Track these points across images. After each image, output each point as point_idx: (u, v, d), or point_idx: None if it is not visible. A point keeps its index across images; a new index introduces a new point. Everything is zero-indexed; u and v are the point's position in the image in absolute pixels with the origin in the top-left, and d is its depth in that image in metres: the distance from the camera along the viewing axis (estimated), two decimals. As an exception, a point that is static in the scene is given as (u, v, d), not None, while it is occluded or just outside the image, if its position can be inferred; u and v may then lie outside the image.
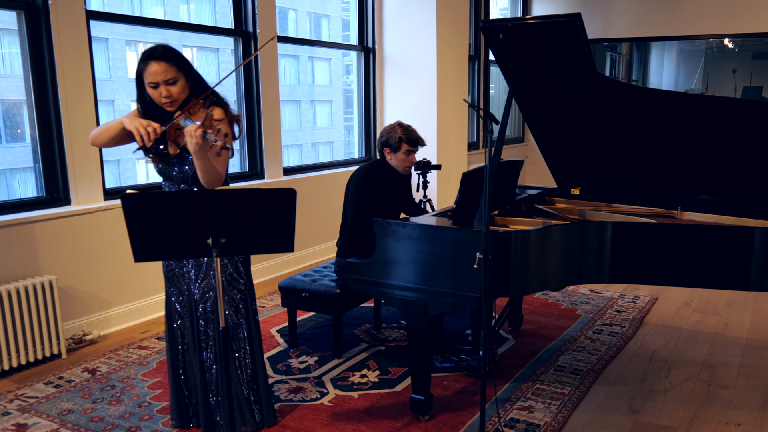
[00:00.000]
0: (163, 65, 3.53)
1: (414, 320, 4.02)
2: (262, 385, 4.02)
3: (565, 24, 4.03)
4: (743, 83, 11.45)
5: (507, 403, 4.43)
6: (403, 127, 5.03)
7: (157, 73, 3.52)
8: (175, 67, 3.57)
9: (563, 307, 6.43)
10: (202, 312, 3.85)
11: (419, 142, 5.06)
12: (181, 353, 3.98)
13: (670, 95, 4.40)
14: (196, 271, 3.84)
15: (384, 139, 5.05)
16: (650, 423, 4.19)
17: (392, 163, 5.08)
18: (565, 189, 5.33)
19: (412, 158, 5.06)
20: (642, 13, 11.77)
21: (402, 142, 4.98)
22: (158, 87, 3.55)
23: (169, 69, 3.54)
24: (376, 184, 5.01)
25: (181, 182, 3.74)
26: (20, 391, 4.68)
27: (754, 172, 4.55)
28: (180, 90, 3.59)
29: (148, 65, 3.53)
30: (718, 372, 4.94)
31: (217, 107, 3.68)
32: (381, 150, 5.09)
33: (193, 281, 3.86)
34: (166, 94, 3.55)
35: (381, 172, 5.08)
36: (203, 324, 3.87)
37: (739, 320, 6.03)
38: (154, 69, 3.52)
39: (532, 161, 12.67)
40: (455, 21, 9.54)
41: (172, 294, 3.96)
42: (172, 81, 3.56)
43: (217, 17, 22.62)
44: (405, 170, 5.11)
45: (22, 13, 5.20)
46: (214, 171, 3.53)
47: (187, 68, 3.64)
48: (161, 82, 3.53)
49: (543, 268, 3.87)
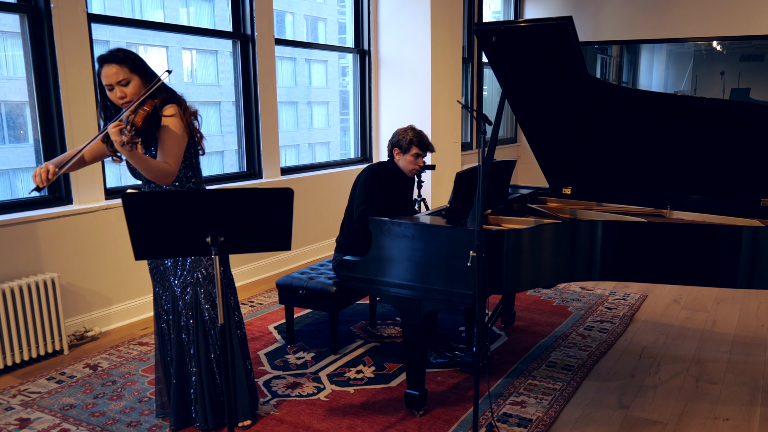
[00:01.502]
0: (114, 67, 3.55)
1: (409, 317, 4.03)
2: (239, 379, 4.01)
3: (556, 27, 4.04)
4: (731, 85, 11.46)
5: (500, 398, 4.44)
6: (415, 131, 5.01)
7: (110, 75, 3.54)
8: (127, 68, 3.58)
9: (555, 304, 6.44)
10: (182, 306, 3.86)
11: (429, 147, 5.04)
12: (170, 350, 3.98)
13: (659, 97, 4.40)
14: (173, 266, 3.85)
15: (395, 139, 5.04)
16: (640, 418, 4.20)
17: (400, 164, 5.07)
18: (556, 188, 5.34)
19: (419, 162, 5.05)
20: (632, 16, 11.78)
21: (412, 145, 4.97)
22: (113, 89, 3.57)
23: (120, 70, 3.55)
24: (383, 183, 5.00)
25: (153, 182, 3.73)
26: (23, 386, 4.68)
27: (741, 171, 4.56)
28: (134, 90, 3.59)
29: (102, 68, 3.56)
30: (706, 368, 4.94)
31: (170, 105, 3.68)
32: (391, 150, 5.09)
33: (172, 274, 3.86)
34: (120, 95, 3.57)
35: (387, 173, 5.06)
36: (184, 319, 3.87)
37: (727, 317, 6.04)
38: (106, 71, 3.55)
39: (524, 161, 12.67)
40: (449, 24, 9.54)
41: (158, 294, 3.96)
42: (125, 82, 3.57)
43: (215, 20, 22.58)
44: (411, 173, 5.10)
45: (25, 16, 5.20)
46: (153, 169, 3.53)
47: (140, 69, 3.64)
48: (114, 83, 3.55)
49: (535, 266, 3.88)
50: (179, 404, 3.98)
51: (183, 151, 3.68)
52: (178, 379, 3.94)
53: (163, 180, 3.57)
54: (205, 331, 3.87)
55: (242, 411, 4.05)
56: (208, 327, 3.88)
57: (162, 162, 3.57)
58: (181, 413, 4.00)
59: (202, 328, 3.86)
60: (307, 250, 8.20)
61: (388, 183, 5.04)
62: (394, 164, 5.09)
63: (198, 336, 3.85)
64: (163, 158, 3.59)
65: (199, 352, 3.86)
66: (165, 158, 3.59)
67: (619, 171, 4.97)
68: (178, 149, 3.64)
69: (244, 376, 4.04)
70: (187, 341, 3.88)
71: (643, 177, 4.91)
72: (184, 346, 3.90)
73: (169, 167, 3.58)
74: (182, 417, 4.01)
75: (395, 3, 9.16)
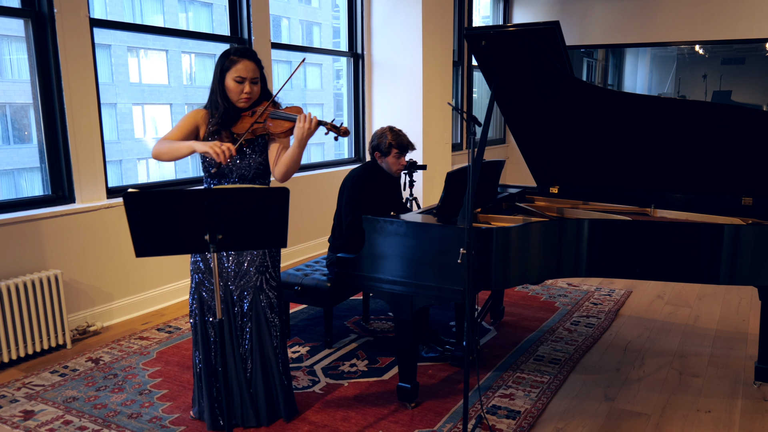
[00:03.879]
0: (253, 65, 3.67)
1: (401, 312, 4.03)
2: (287, 379, 4.00)
3: (544, 31, 4.04)
4: (713, 87, 11.49)
5: (489, 391, 4.44)
6: (393, 132, 4.99)
7: (248, 71, 3.64)
8: (260, 72, 3.72)
9: (542, 299, 6.45)
10: (239, 311, 3.83)
11: (409, 146, 5.03)
12: (213, 350, 3.91)
13: (643, 99, 4.41)
14: (236, 269, 3.82)
15: (375, 143, 5.03)
16: (625, 410, 4.21)
17: (383, 165, 5.06)
18: (544, 188, 5.34)
19: (402, 161, 5.05)
20: (617, 21, 11.79)
21: (392, 148, 4.97)
22: (243, 82, 3.65)
23: (256, 69, 3.69)
24: (368, 187, 4.99)
25: (239, 179, 3.77)
26: (27, 379, 4.67)
27: (722, 171, 4.57)
28: (258, 91, 3.73)
29: (239, 61, 3.65)
30: (689, 361, 4.96)
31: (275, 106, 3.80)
32: (372, 153, 5.08)
33: (231, 279, 3.82)
34: (248, 90, 3.66)
35: (372, 175, 5.06)
36: (240, 322, 3.84)
37: (709, 312, 6.05)
38: (245, 65, 3.64)
39: (512, 161, 12.69)
40: (440, 28, 9.55)
41: (203, 291, 3.86)
42: (255, 81, 3.68)
43: (214, 24, 22.58)
44: (397, 172, 5.10)
45: (29, 21, 5.18)
46: (299, 163, 3.70)
47: (264, 78, 3.78)
48: (248, 78, 3.65)
49: (523, 263, 3.88)
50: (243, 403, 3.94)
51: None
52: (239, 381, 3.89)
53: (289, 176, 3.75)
54: (260, 335, 3.85)
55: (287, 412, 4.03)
56: (263, 331, 3.85)
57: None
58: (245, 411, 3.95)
59: (256, 333, 3.85)
60: (302, 248, 8.20)
61: (374, 185, 5.04)
62: (377, 165, 5.09)
63: (252, 339, 3.84)
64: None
65: (253, 353, 3.85)
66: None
67: (604, 171, 4.98)
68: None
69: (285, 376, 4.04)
70: (241, 343, 3.86)
71: (628, 176, 4.91)
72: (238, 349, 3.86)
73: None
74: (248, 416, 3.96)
75: (388, 8, 9.17)
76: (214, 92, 3.75)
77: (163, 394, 4.42)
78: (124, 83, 20.10)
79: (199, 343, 3.88)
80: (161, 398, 4.36)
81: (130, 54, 20.36)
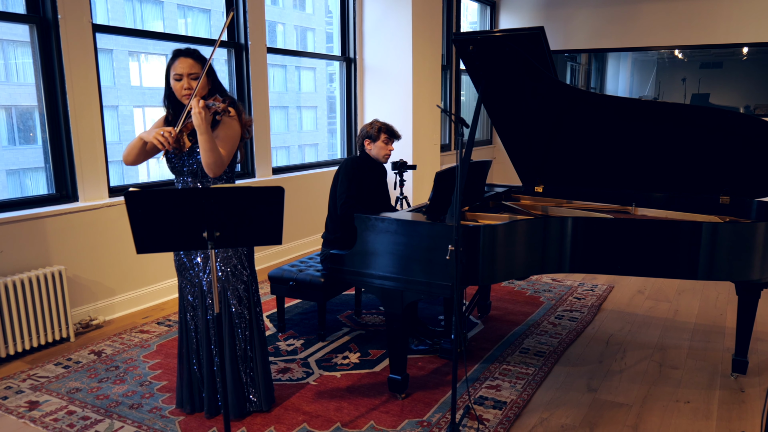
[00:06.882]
0: (190, 61, 3.66)
1: (391, 307, 4.03)
2: (260, 370, 3.98)
3: (529, 36, 4.04)
4: (692, 91, 11.50)
5: (476, 383, 4.45)
6: (381, 122, 5.14)
7: (184, 67, 3.64)
8: (200, 66, 3.68)
9: (528, 294, 6.45)
10: (210, 303, 3.85)
11: (396, 133, 5.16)
12: (195, 343, 3.93)
13: (624, 101, 4.41)
14: (203, 263, 3.84)
15: (364, 132, 5.11)
16: (607, 400, 4.22)
17: (372, 153, 5.10)
18: (529, 187, 5.35)
19: (390, 147, 5.12)
20: (600, 27, 11.81)
21: (381, 132, 5.07)
22: (182, 79, 3.65)
23: (194, 65, 3.66)
24: (362, 173, 5.04)
25: (190, 176, 3.76)
26: (32, 371, 4.67)
27: (701, 171, 4.59)
28: (201, 86, 3.68)
29: (176, 59, 3.66)
30: (669, 354, 4.97)
31: (232, 106, 3.76)
32: (362, 143, 5.13)
33: (202, 270, 3.84)
34: (187, 85, 3.65)
35: (363, 163, 5.11)
36: (211, 313, 3.85)
37: (688, 307, 6.07)
38: (181, 62, 3.65)
39: (499, 162, 12.68)
40: (429, 33, 9.54)
41: (185, 288, 3.92)
42: (195, 76, 3.66)
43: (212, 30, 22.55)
44: (384, 158, 5.13)
45: (34, 26, 5.17)
46: (215, 151, 3.58)
47: (210, 71, 3.76)
48: (185, 74, 3.64)
49: (509, 259, 3.88)
50: (211, 394, 3.95)
51: (235, 149, 3.77)
52: (209, 370, 3.91)
53: (215, 167, 3.62)
54: (231, 325, 3.86)
55: (266, 400, 4.03)
56: (235, 321, 3.87)
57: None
58: (212, 402, 3.95)
59: (228, 322, 3.86)
60: (296, 244, 8.19)
61: (366, 173, 5.09)
62: (367, 156, 5.13)
63: (224, 330, 3.84)
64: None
65: (224, 344, 3.85)
66: (220, 149, 3.66)
67: (587, 170, 4.99)
68: (231, 146, 3.72)
69: (267, 366, 4.05)
70: (213, 334, 3.87)
71: (610, 176, 4.93)
72: (212, 339, 3.87)
73: (223, 157, 3.65)
74: (213, 406, 3.96)
75: (379, 14, 9.16)
76: (165, 93, 3.82)
77: (162, 385, 4.42)
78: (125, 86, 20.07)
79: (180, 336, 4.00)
80: (161, 389, 4.36)
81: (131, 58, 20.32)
